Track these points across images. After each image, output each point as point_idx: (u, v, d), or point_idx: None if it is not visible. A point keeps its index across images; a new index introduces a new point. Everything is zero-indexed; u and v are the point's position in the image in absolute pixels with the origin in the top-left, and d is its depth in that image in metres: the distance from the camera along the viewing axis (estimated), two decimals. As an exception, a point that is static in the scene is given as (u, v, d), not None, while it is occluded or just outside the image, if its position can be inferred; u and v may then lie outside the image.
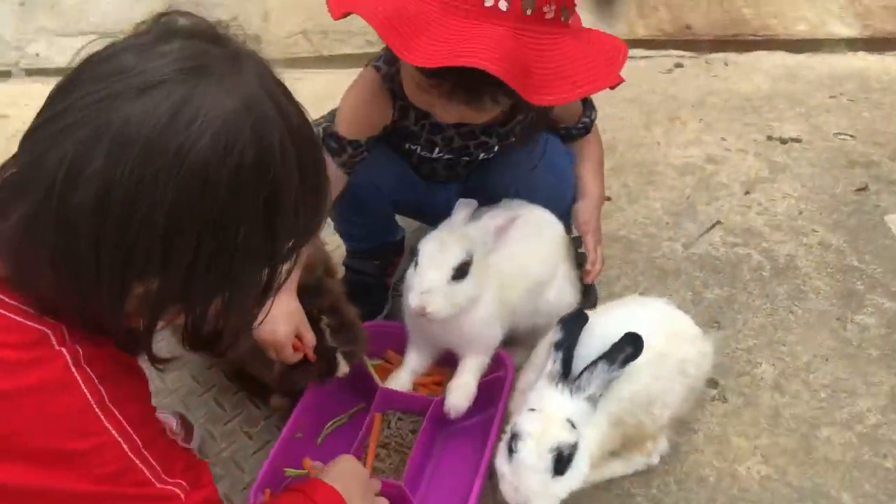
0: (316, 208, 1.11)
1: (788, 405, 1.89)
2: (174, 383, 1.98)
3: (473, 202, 1.83)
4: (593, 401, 1.47)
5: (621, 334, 1.48)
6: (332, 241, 2.29)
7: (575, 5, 1.54)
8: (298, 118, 1.05)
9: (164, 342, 1.69)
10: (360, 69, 1.78)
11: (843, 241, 2.40)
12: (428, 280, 1.65)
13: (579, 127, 1.99)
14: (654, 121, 3.09)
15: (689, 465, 1.76)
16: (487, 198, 1.94)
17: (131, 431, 1.06)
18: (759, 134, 2.97)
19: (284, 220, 1.03)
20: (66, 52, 3.73)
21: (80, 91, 0.94)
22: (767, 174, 2.74)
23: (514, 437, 1.45)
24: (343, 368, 1.69)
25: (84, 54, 0.99)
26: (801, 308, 2.16)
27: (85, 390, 1.01)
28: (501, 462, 1.48)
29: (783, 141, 2.92)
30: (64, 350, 1.00)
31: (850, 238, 2.41)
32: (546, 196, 1.93)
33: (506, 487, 1.46)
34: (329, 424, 1.81)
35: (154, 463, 1.09)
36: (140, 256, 0.94)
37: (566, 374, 1.48)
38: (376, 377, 1.86)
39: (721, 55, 3.56)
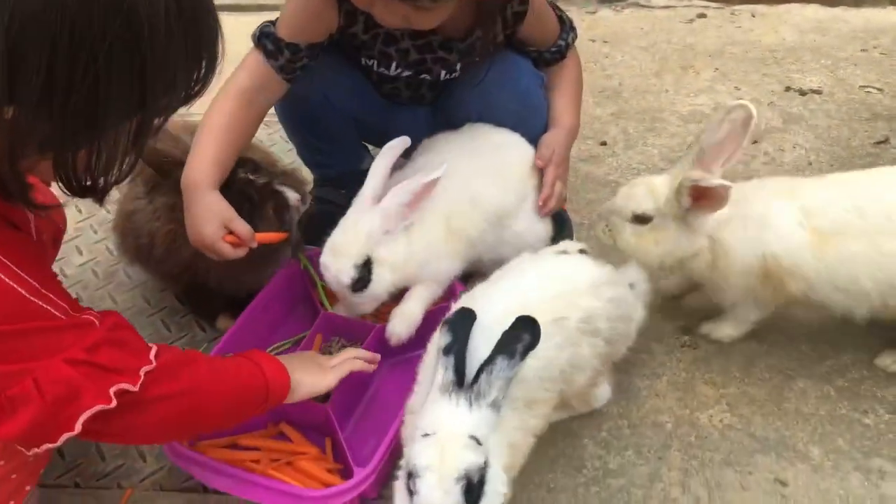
0: (196, 50, 1.03)
1: (764, 355, 1.74)
2: (125, 303, 1.94)
3: (393, 149, 1.66)
4: (497, 406, 1.18)
5: (504, 313, 1.25)
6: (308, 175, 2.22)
7: None
8: None
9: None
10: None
11: (851, 193, 2.21)
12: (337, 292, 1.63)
13: (553, 51, 1.85)
14: (666, 69, 2.92)
15: (646, 410, 1.64)
16: (453, 124, 1.84)
17: (23, 274, 1.03)
18: (777, 85, 2.78)
19: (154, 54, 0.96)
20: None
21: None
22: (780, 124, 2.56)
23: (411, 475, 1.15)
24: (292, 195, 1.63)
25: None
26: (795, 258, 2.00)
27: None
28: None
29: (802, 92, 2.72)
30: None
31: (860, 190, 2.22)
32: (511, 121, 1.81)
33: None
34: (271, 348, 1.74)
35: (58, 301, 1.07)
36: None
37: (461, 382, 1.20)
38: (326, 301, 1.78)
39: (749, 7, 3.36)
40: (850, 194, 1.55)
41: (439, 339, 1.24)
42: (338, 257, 1.57)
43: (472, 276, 1.84)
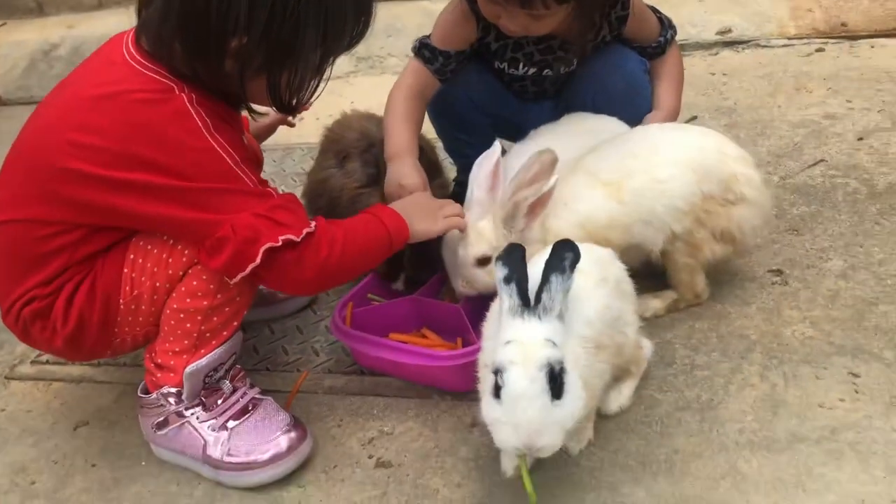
0: (358, 12, 1.55)
1: (851, 289, 1.93)
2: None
3: (491, 157, 1.88)
4: (562, 317, 1.36)
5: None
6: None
7: None
8: None
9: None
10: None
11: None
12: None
13: (654, 46, 2.22)
14: (780, 90, 3.17)
15: (734, 327, 1.88)
16: (573, 110, 2.21)
17: (231, 150, 1.52)
18: (891, 96, 2.95)
19: (334, 7, 1.49)
20: None
21: None
22: (889, 125, 2.72)
23: (498, 371, 1.32)
24: (397, 284, 2.06)
25: None
26: (890, 221, 2.17)
27: (196, 118, 1.49)
28: (490, 409, 1.34)
29: (915, 100, 2.87)
30: (183, 96, 1.50)
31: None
32: (620, 103, 2.15)
33: (503, 433, 1.32)
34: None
35: (251, 175, 1.55)
36: (233, 15, 1.42)
37: (527, 303, 1.36)
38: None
39: (868, 40, 3.54)
40: (622, 145, 1.88)
41: (497, 272, 1.41)
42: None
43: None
